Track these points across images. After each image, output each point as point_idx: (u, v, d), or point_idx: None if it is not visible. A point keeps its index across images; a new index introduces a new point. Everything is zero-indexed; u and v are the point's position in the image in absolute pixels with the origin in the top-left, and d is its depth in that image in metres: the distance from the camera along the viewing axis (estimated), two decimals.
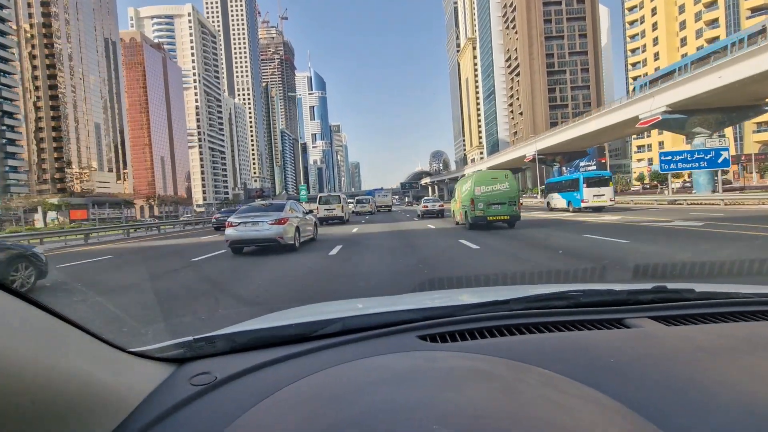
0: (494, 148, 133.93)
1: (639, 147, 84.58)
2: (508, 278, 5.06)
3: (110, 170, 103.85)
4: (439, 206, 25.04)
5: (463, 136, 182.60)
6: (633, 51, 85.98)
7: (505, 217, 13.67)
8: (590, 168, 69.80)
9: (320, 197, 23.74)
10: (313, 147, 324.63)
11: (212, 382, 0.78)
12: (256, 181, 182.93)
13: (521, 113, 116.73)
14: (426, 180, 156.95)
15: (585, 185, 22.64)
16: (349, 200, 28.38)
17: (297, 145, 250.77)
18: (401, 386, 0.68)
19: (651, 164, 79.43)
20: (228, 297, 5.16)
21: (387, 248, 9.47)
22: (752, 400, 0.63)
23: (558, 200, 26.04)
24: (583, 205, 22.61)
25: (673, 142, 76.03)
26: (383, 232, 14.60)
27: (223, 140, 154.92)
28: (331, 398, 0.66)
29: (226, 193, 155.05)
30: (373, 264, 7.09)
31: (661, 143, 78.82)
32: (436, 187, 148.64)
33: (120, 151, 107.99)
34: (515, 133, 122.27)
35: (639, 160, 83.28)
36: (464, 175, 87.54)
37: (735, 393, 0.65)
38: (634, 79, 67.28)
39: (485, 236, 11.23)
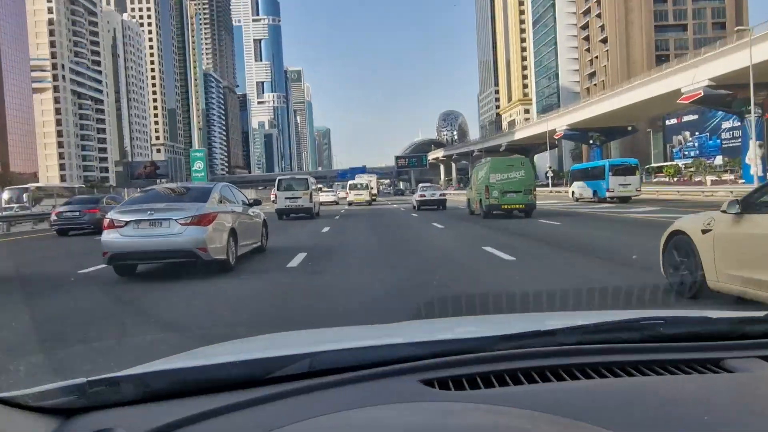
0: (550, 101, 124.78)
1: None
2: (545, 298, 5.30)
3: None
4: (440, 195, 30.28)
5: (496, 87, 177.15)
6: None
7: (521, 206, 19.22)
8: None
9: (280, 180, 25.50)
10: (258, 102, 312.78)
11: None
12: (159, 151, 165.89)
13: (605, 40, 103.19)
14: (438, 154, 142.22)
15: (611, 173, 30.11)
16: (318, 185, 31.12)
17: (232, 98, 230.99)
18: None
19: None
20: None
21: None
22: None
23: (584, 189, 34.20)
24: (608, 194, 29.96)
25: None
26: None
27: (100, 81, 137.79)
28: None
29: (105, 169, 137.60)
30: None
31: None
32: (453, 164, 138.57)
33: None
34: (591, 74, 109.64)
35: None
36: (507, 142, 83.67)
37: None
38: None
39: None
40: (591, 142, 75.38)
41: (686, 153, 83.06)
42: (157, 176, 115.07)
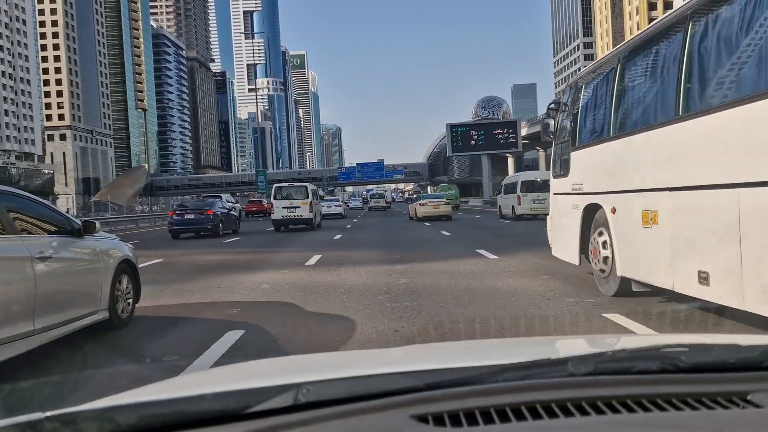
0: None
1: None
2: (552, 324, 5.31)
3: None
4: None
5: (586, 38, 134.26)
6: None
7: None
8: None
9: (276, 188, 24.50)
10: (249, 90, 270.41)
11: None
12: (63, 137, 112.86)
13: None
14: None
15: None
16: (321, 192, 31.69)
17: (203, 75, 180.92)
18: None
19: None
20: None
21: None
22: None
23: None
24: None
25: None
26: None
27: None
28: None
29: None
30: None
31: None
32: (542, 153, 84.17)
33: None
34: None
35: None
36: None
37: None
38: None
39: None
40: None
41: None
42: None
